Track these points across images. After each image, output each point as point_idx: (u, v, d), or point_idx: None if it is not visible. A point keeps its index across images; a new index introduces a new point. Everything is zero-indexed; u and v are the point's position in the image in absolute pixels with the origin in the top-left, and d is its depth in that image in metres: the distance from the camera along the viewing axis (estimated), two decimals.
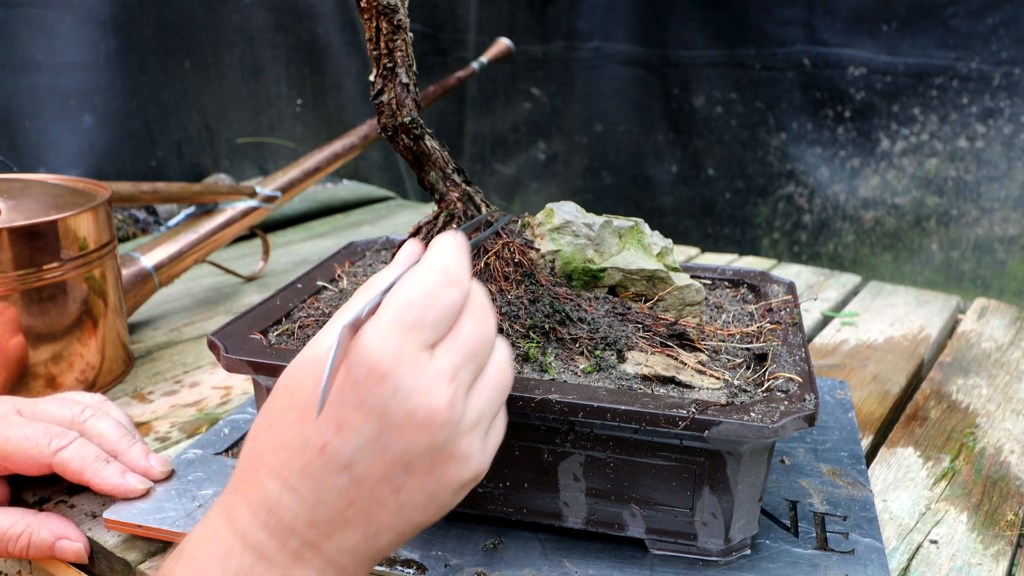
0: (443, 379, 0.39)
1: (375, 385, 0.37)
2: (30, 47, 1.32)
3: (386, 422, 0.38)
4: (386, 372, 0.37)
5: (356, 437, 0.38)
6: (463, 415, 0.39)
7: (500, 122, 1.94)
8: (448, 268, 0.40)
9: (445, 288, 0.40)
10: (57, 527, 0.55)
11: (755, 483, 0.51)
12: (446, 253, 0.41)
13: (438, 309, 0.39)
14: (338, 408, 0.38)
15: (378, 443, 0.38)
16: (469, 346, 0.40)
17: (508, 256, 0.59)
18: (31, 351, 0.71)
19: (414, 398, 0.38)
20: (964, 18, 1.38)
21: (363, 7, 0.56)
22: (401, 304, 0.39)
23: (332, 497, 0.38)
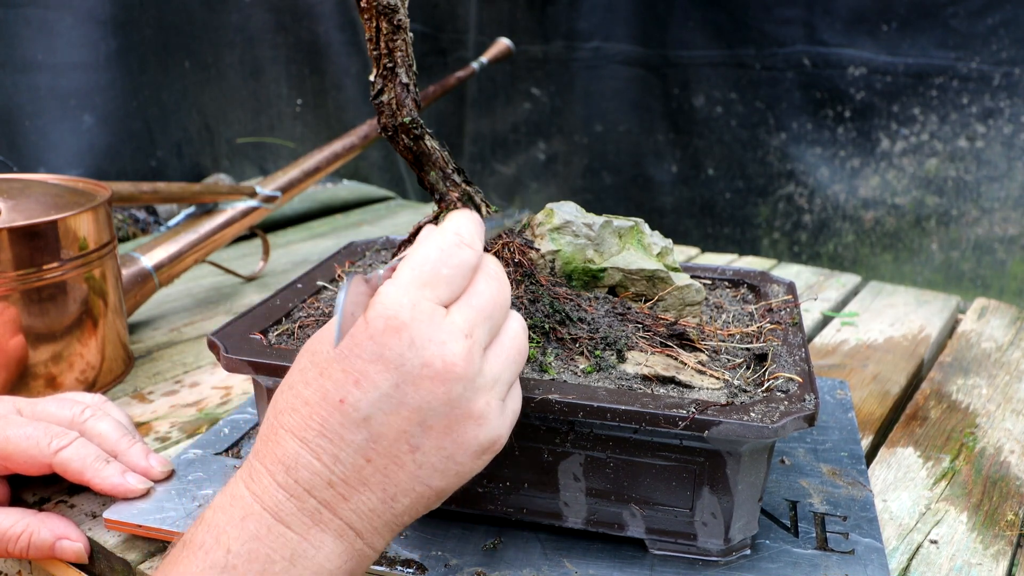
0: (458, 333, 0.40)
1: (392, 337, 0.38)
2: (30, 47, 1.32)
3: (403, 373, 0.38)
4: (402, 324, 0.38)
5: (374, 390, 0.39)
6: (479, 371, 0.40)
7: (500, 122, 1.94)
8: (460, 232, 0.42)
9: (457, 248, 0.41)
10: (57, 527, 0.55)
11: (755, 483, 0.51)
12: (459, 221, 0.43)
13: (451, 266, 0.41)
14: (356, 361, 0.39)
15: (395, 396, 0.39)
16: (483, 305, 0.41)
17: (508, 256, 0.59)
18: (31, 351, 0.71)
19: (430, 349, 0.39)
20: (964, 18, 1.38)
21: (363, 7, 0.56)
22: (416, 262, 0.40)
23: (350, 454, 0.39)
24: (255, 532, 0.39)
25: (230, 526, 0.39)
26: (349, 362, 0.39)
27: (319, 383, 0.40)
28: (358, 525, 0.40)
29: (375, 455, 0.39)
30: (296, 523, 0.39)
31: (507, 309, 0.43)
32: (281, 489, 0.39)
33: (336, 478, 0.39)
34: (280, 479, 0.39)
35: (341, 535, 0.40)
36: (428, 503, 0.42)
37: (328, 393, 0.39)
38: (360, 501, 0.40)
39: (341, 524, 0.40)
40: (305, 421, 0.39)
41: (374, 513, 0.40)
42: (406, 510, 0.41)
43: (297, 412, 0.40)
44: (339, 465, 0.39)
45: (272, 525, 0.39)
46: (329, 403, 0.39)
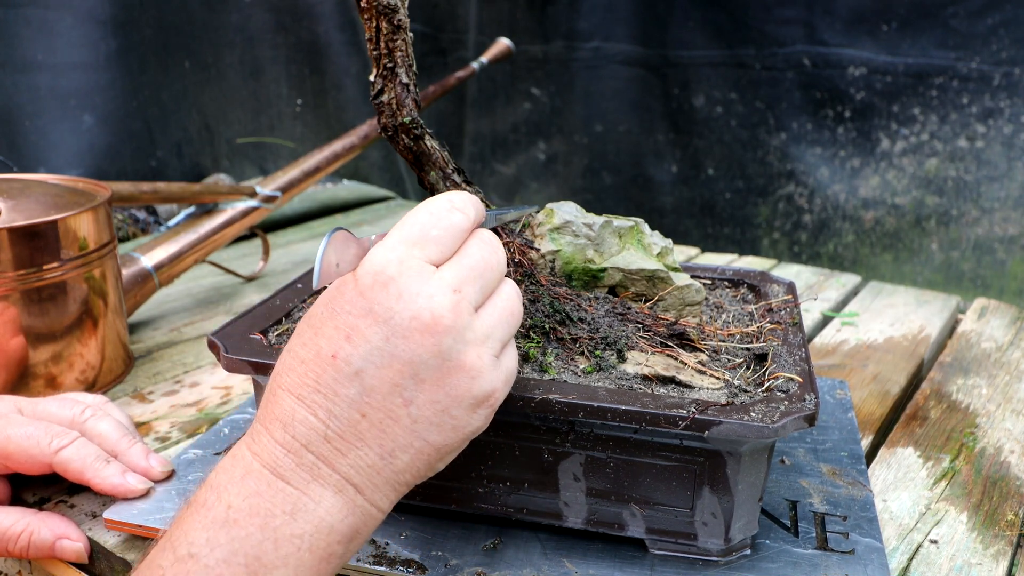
0: (446, 288, 0.41)
1: (380, 291, 0.40)
2: (30, 47, 1.32)
3: (392, 326, 0.39)
4: (390, 278, 0.40)
5: (365, 343, 0.40)
6: (468, 325, 0.41)
7: (500, 122, 1.94)
8: (452, 199, 0.43)
9: (448, 212, 0.43)
10: (57, 527, 0.55)
11: (755, 483, 0.51)
12: (453, 192, 0.45)
13: (441, 228, 0.42)
14: (347, 317, 0.40)
15: (386, 349, 0.39)
16: (474, 264, 0.42)
17: (508, 256, 0.59)
18: (31, 351, 0.71)
19: (418, 301, 0.40)
20: (964, 18, 1.38)
21: (363, 7, 0.56)
22: (406, 223, 0.42)
23: (344, 408, 0.40)
24: (255, 488, 0.39)
25: (231, 483, 0.40)
26: (340, 318, 0.40)
27: (314, 341, 0.41)
28: (357, 480, 0.40)
29: (369, 409, 0.40)
30: (295, 478, 0.40)
31: (501, 273, 0.44)
32: (279, 446, 0.40)
33: (332, 433, 0.40)
34: (278, 436, 0.40)
35: (340, 490, 0.40)
36: (429, 461, 0.42)
37: (321, 350, 0.40)
38: (358, 456, 0.40)
39: (340, 479, 0.40)
40: (301, 379, 0.40)
41: (373, 469, 0.41)
42: (406, 467, 0.41)
43: (294, 371, 0.41)
44: (334, 420, 0.40)
45: (271, 481, 0.39)
46: (322, 359, 0.40)
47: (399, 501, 0.55)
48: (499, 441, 0.52)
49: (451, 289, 0.41)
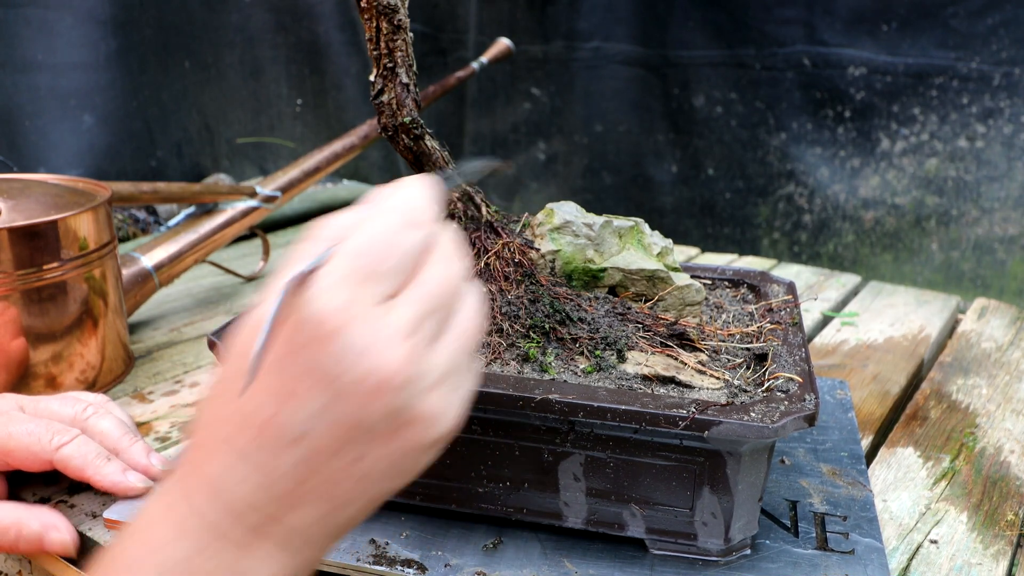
0: (400, 334, 0.34)
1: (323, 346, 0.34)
2: (30, 47, 1.32)
3: (337, 388, 0.34)
4: (334, 330, 0.33)
5: (305, 407, 0.34)
6: (425, 372, 0.35)
7: (500, 122, 1.94)
8: (407, 208, 0.36)
9: (403, 231, 0.36)
10: (46, 518, 0.54)
11: (755, 483, 0.51)
12: (406, 193, 0.37)
13: (396, 255, 0.35)
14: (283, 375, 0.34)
15: (330, 411, 0.34)
16: (433, 295, 0.36)
17: (508, 256, 0.59)
18: (31, 351, 0.71)
19: (367, 359, 0.34)
20: (964, 18, 1.38)
21: (363, 7, 0.56)
22: (353, 252, 0.34)
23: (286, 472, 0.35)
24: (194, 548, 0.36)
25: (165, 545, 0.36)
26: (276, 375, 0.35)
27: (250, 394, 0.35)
28: (303, 536, 0.37)
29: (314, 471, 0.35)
30: (236, 537, 0.36)
31: (460, 290, 0.38)
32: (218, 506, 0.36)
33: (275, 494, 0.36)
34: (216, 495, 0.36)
35: (285, 547, 0.37)
36: (375, 505, 0.39)
37: (260, 406, 0.35)
38: (303, 514, 0.36)
39: (283, 537, 0.36)
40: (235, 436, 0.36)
41: (319, 523, 0.37)
42: (351, 519, 0.38)
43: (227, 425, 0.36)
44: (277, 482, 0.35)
45: (211, 542, 0.36)
46: (259, 420, 0.35)
47: (398, 500, 0.55)
48: (499, 441, 0.52)
49: (405, 335, 0.34)
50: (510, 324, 0.55)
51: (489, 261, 0.58)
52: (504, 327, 0.55)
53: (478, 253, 0.59)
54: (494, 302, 0.56)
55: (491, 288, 0.57)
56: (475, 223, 0.61)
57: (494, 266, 0.58)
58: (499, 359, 0.53)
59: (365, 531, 0.55)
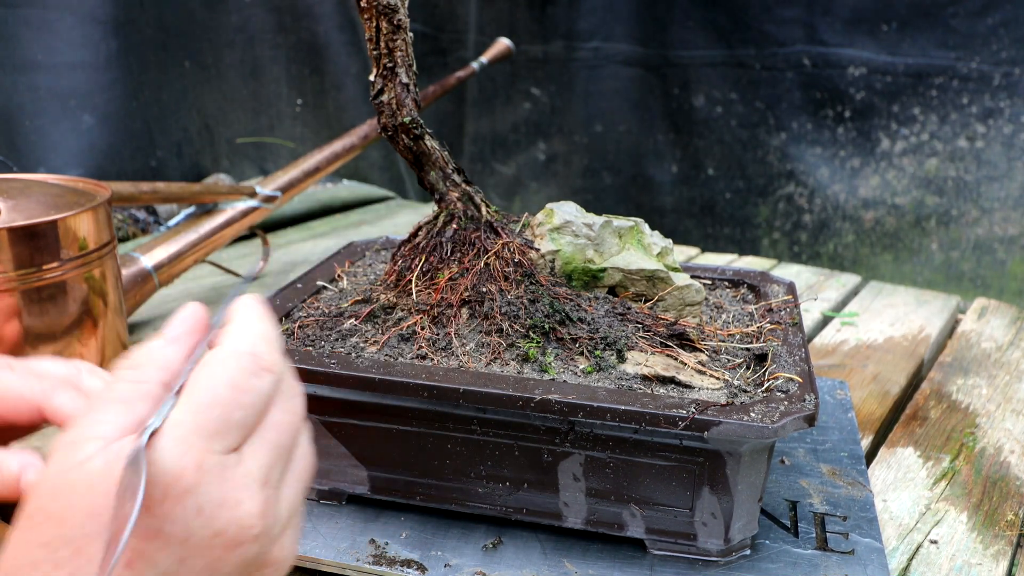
0: (254, 485, 0.33)
1: (174, 506, 0.31)
2: (30, 47, 1.32)
3: (189, 547, 0.32)
4: (186, 490, 0.31)
5: (151, 569, 0.32)
6: (276, 519, 0.34)
7: (500, 122, 1.94)
8: (257, 349, 0.35)
9: (254, 378, 0.34)
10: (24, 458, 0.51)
11: (755, 483, 0.51)
12: (252, 327, 0.35)
13: (245, 406, 0.34)
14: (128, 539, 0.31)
15: (179, 570, 0.32)
16: (280, 439, 0.35)
17: (508, 256, 0.59)
18: (31, 351, 0.71)
19: (222, 515, 0.32)
20: (964, 18, 1.38)
21: (363, 7, 0.56)
22: (202, 405, 0.33)
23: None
24: None
25: None
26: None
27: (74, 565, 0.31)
28: None
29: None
30: None
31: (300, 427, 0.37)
32: None
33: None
34: None
35: None
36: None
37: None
38: None
39: None
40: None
41: None
42: None
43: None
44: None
45: None
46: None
47: (398, 500, 0.55)
48: (499, 441, 0.52)
49: (260, 485, 0.33)
50: (510, 324, 0.55)
51: (489, 261, 0.58)
52: (504, 327, 0.55)
53: (478, 253, 0.59)
54: (494, 302, 0.56)
55: (491, 288, 0.57)
56: (475, 223, 0.61)
57: (494, 266, 0.58)
58: (499, 359, 0.53)
59: (365, 531, 0.55)
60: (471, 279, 0.57)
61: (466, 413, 0.51)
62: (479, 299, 0.56)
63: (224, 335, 0.35)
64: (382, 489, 0.56)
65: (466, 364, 0.53)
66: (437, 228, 0.61)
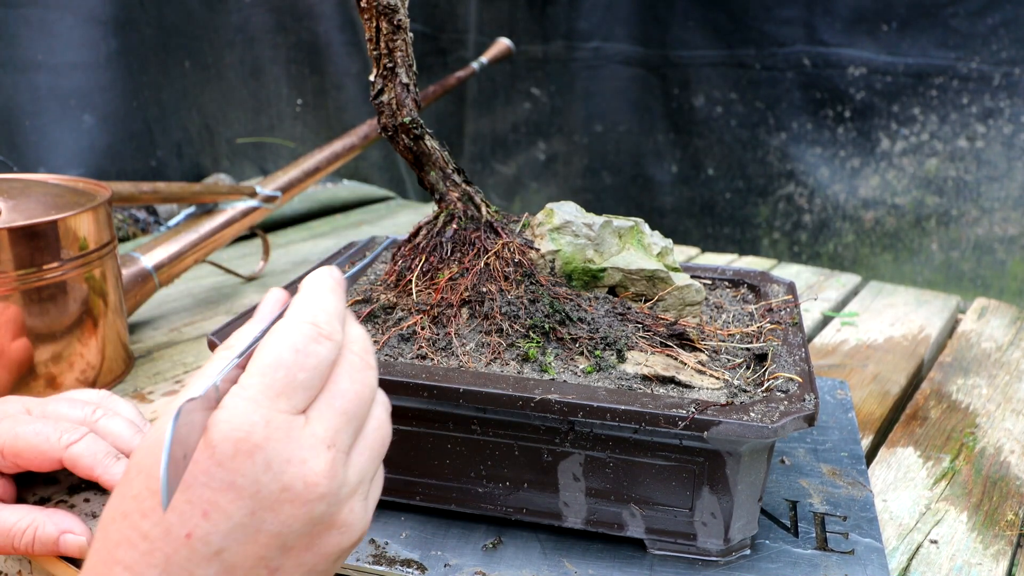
0: (320, 446, 0.35)
1: (244, 461, 0.34)
2: (30, 47, 1.32)
3: (259, 500, 0.34)
4: (256, 445, 0.34)
5: (226, 520, 0.34)
6: (343, 482, 0.36)
7: (500, 122, 1.94)
8: (317, 319, 0.37)
9: (314, 343, 0.36)
10: (62, 522, 0.55)
11: (755, 483, 0.51)
12: (314, 300, 0.38)
13: (308, 368, 0.36)
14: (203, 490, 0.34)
15: (251, 524, 0.34)
16: (347, 406, 0.37)
17: (508, 256, 0.59)
18: (31, 351, 0.71)
19: (290, 471, 0.34)
20: (964, 18, 1.38)
21: (363, 7, 0.57)
22: (267, 367, 0.35)
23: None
24: None
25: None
26: (195, 491, 0.34)
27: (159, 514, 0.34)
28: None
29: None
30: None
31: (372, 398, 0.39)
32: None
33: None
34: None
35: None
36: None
37: (171, 527, 0.34)
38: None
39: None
40: (145, 558, 0.34)
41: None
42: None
43: (135, 547, 0.34)
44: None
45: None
46: (173, 538, 0.34)
47: (398, 500, 0.55)
48: (499, 441, 0.52)
49: (326, 446, 0.35)
50: (510, 324, 0.55)
51: (489, 261, 0.58)
52: (504, 327, 0.55)
53: (478, 253, 0.59)
54: (494, 302, 0.56)
55: (491, 288, 0.57)
56: (475, 223, 0.61)
57: (494, 266, 0.58)
58: (499, 359, 0.53)
59: None
60: (471, 279, 0.57)
61: (466, 413, 0.51)
62: (479, 299, 0.56)
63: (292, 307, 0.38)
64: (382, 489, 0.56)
65: (466, 364, 0.53)
66: (437, 228, 0.61)
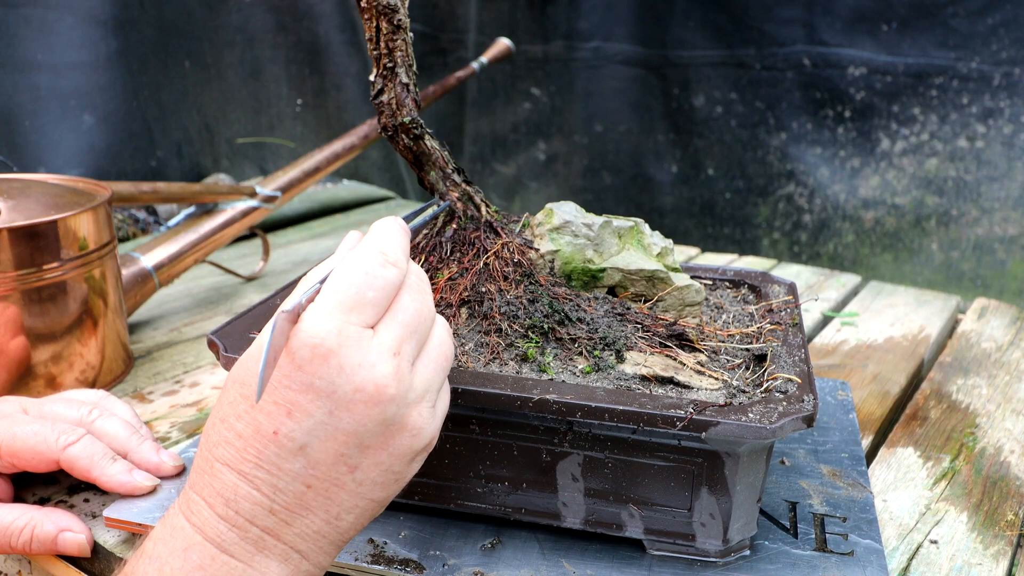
0: (387, 353, 0.40)
1: (321, 365, 0.38)
2: (30, 47, 1.32)
3: (335, 400, 0.39)
4: (330, 351, 0.38)
5: (307, 419, 0.39)
6: (410, 387, 0.41)
7: (500, 122, 1.94)
8: (384, 249, 0.42)
9: (382, 268, 0.41)
10: (60, 520, 0.55)
11: (754, 484, 0.51)
12: (381, 236, 0.43)
13: (376, 288, 0.41)
14: (286, 392, 0.39)
15: (330, 422, 0.39)
16: (409, 321, 0.42)
17: (508, 256, 0.59)
18: (31, 351, 0.71)
19: (361, 373, 0.39)
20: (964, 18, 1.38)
21: (363, 7, 0.56)
22: (340, 286, 0.40)
23: (288, 483, 0.39)
24: (199, 562, 0.39)
25: (172, 557, 0.39)
26: (279, 393, 0.39)
27: (251, 416, 0.39)
28: (303, 547, 0.40)
29: (315, 480, 0.39)
30: (240, 552, 0.39)
31: (432, 319, 0.44)
32: (222, 520, 0.39)
33: (277, 506, 0.39)
34: (220, 511, 0.39)
35: (286, 559, 0.40)
36: (372, 514, 0.43)
37: (261, 426, 0.39)
38: (304, 525, 0.40)
39: (286, 548, 0.40)
40: (240, 454, 0.39)
41: (319, 534, 0.41)
42: (351, 526, 0.42)
43: (231, 445, 0.40)
44: (279, 494, 0.39)
45: (216, 555, 0.39)
46: (263, 435, 0.39)
47: (397, 500, 0.55)
48: (498, 441, 0.52)
49: (392, 354, 0.40)
50: (509, 324, 0.55)
51: (488, 261, 0.58)
52: (503, 327, 0.55)
53: (477, 253, 0.59)
54: (493, 302, 0.56)
55: (490, 288, 0.57)
56: (475, 223, 0.61)
57: (493, 266, 0.58)
58: (498, 359, 0.53)
59: (363, 531, 0.55)
60: (470, 279, 0.57)
61: (465, 413, 0.51)
62: (478, 299, 0.56)
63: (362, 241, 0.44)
64: None
65: (465, 364, 0.53)
66: (437, 228, 0.61)
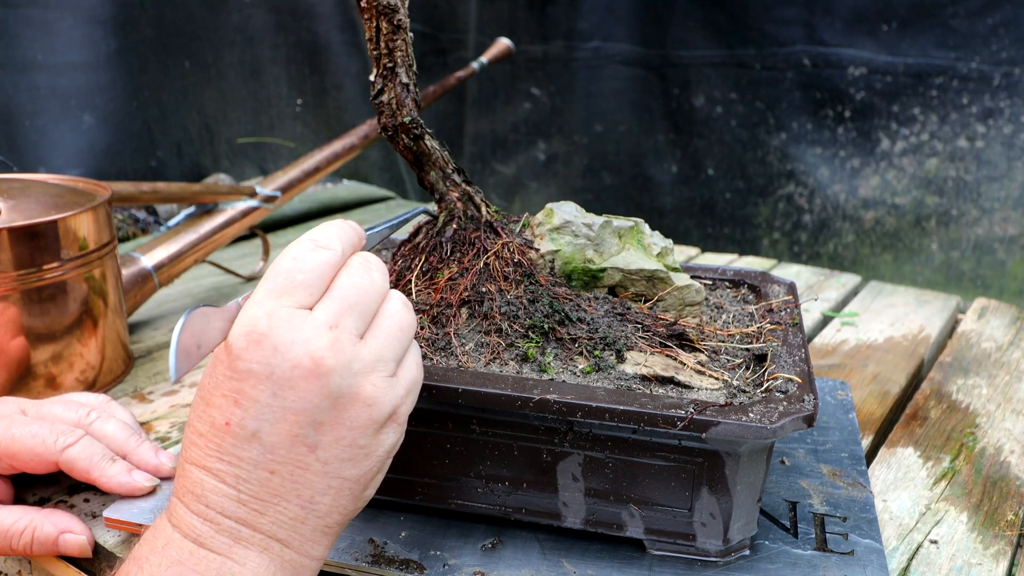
0: (322, 328, 0.40)
1: (256, 349, 0.39)
2: (30, 47, 1.31)
3: (275, 380, 0.39)
4: (263, 334, 0.40)
5: (253, 404, 0.39)
6: (354, 357, 0.41)
7: (500, 122, 1.94)
8: (314, 236, 0.43)
9: (311, 252, 0.42)
10: (60, 521, 0.55)
11: (754, 484, 0.51)
12: (316, 228, 0.45)
13: (305, 271, 0.42)
14: (230, 383, 0.40)
15: (276, 403, 0.39)
16: (346, 295, 0.42)
17: (508, 256, 0.59)
18: (31, 351, 0.71)
19: (294, 350, 0.39)
20: (964, 18, 1.38)
21: (363, 7, 0.56)
22: (270, 275, 0.42)
23: (251, 471, 0.40)
24: (177, 558, 0.40)
25: (152, 554, 0.40)
26: (225, 385, 0.40)
27: (207, 413, 0.41)
28: (282, 535, 0.41)
29: (276, 465, 0.40)
30: (217, 544, 0.40)
31: (379, 293, 0.44)
32: (195, 516, 0.40)
33: (245, 496, 0.40)
34: (193, 507, 0.40)
35: (265, 548, 0.40)
36: (353, 494, 0.42)
37: (215, 420, 0.40)
38: (278, 512, 0.40)
39: (263, 537, 0.40)
40: (203, 451, 0.40)
41: (296, 520, 0.41)
42: (330, 509, 0.42)
43: (195, 444, 0.41)
44: (244, 483, 0.40)
45: (193, 550, 0.40)
46: (217, 428, 0.40)
47: (397, 500, 0.55)
48: (498, 441, 0.52)
49: (327, 327, 0.40)
50: (509, 324, 0.55)
51: (489, 261, 0.58)
52: (503, 327, 0.55)
53: (478, 253, 0.59)
54: (493, 302, 0.56)
55: (490, 288, 0.57)
56: (475, 223, 0.61)
57: (493, 266, 0.58)
58: (498, 359, 0.53)
59: (363, 531, 0.55)
60: (471, 279, 0.57)
61: (465, 413, 0.51)
62: (478, 299, 0.56)
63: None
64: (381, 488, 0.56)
65: (465, 364, 0.53)
66: (437, 228, 0.61)
